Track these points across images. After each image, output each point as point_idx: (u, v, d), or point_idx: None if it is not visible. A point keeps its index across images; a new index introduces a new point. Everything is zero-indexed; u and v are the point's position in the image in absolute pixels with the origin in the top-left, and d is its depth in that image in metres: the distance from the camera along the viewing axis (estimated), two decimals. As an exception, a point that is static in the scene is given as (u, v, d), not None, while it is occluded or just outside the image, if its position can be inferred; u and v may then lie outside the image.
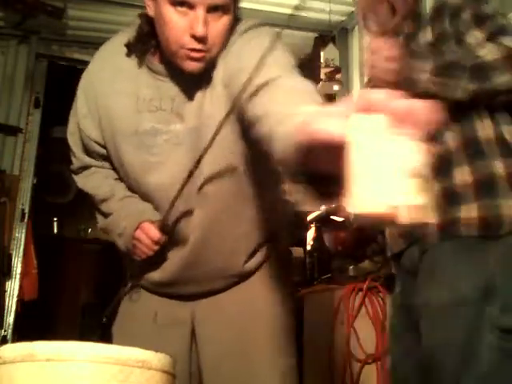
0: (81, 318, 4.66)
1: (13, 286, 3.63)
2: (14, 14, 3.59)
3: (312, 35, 4.24)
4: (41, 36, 4.01)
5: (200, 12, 1.15)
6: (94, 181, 1.44)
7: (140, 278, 1.43)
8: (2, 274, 3.57)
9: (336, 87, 3.63)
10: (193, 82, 1.27)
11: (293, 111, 0.83)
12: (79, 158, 1.45)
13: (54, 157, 4.64)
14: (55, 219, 5.16)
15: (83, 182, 1.46)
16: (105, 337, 1.44)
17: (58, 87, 3.62)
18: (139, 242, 1.33)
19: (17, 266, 3.68)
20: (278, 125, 0.87)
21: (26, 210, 3.81)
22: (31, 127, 3.93)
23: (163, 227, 1.32)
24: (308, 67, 4.42)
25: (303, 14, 4.02)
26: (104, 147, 1.39)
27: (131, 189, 1.41)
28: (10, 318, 3.58)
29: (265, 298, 1.44)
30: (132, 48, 1.32)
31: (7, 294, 3.61)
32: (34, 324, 3.83)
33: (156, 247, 1.34)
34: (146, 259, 1.36)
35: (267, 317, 1.43)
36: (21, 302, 3.65)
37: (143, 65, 1.32)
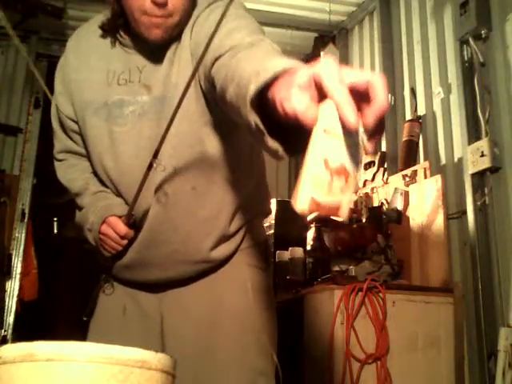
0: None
1: (13, 286, 3.64)
2: (14, 14, 3.59)
3: (312, 35, 4.24)
4: (41, 36, 4.01)
5: None
6: (72, 174, 1.44)
7: (111, 266, 1.40)
8: (1, 274, 3.57)
9: (336, 87, 3.63)
10: (161, 53, 1.30)
11: (262, 66, 0.85)
12: (61, 139, 1.45)
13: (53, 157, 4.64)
14: (55, 219, 5.17)
15: (62, 173, 1.46)
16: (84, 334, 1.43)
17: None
18: (107, 237, 1.32)
19: (17, 266, 3.68)
20: (250, 78, 0.86)
21: (26, 210, 3.81)
22: (31, 127, 3.93)
23: (130, 221, 1.31)
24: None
25: (303, 13, 4.02)
26: (77, 124, 1.40)
27: (97, 172, 1.39)
28: (9, 318, 3.58)
29: (233, 295, 1.38)
30: (105, 28, 1.36)
31: (7, 293, 3.61)
32: (34, 324, 3.83)
33: (124, 242, 1.32)
34: (116, 254, 1.35)
35: (235, 315, 1.37)
36: (21, 302, 3.65)
37: (116, 42, 1.36)
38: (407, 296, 2.61)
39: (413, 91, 3.32)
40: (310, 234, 3.17)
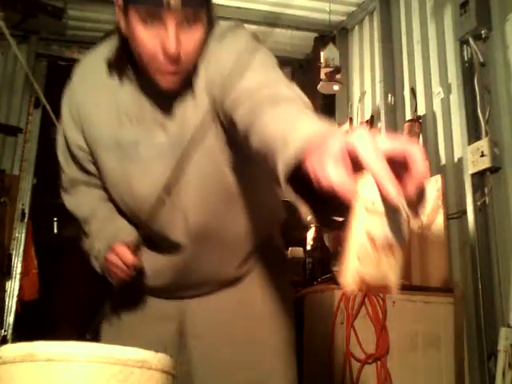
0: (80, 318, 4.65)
1: (13, 286, 3.64)
2: (14, 14, 3.59)
3: (312, 35, 4.24)
4: (41, 36, 4.01)
5: (170, 28, 1.11)
6: (78, 200, 1.42)
7: (128, 289, 1.40)
8: (1, 274, 3.57)
9: (336, 87, 3.63)
10: (175, 92, 1.25)
11: (291, 131, 0.82)
12: (67, 172, 1.42)
13: (53, 157, 4.64)
14: (55, 219, 5.16)
15: (68, 200, 1.44)
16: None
17: (58, 87, 3.62)
18: (113, 265, 1.30)
19: (17, 266, 3.68)
20: (278, 144, 0.85)
21: (26, 210, 3.81)
22: (31, 127, 3.93)
23: (138, 248, 1.29)
24: (308, 67, 4.42)
25: (303, 13, 4.02)
26: (91, 155, 1.37)
27: (117, 205, 1.38)
28: (9, 318, 3.58)
29: (257, 297, 1.43)
30: (112, 65, 1.30)
31: (7, 293, 3.61)
32: (34, 324, 3.83)
33: (131, 271, 1.30)
34: (125, 283, 1.33)
35: (262, 313, 1.42)
36: (21, 302, 3.65)
37: (124, 78, 1.30)
38: (407, 296, 2.60)
39: (413, 91, 3.32)
40: (310, 234, 3.17)
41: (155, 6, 1.09)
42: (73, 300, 4.74)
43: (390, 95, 3.52)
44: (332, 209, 0.76)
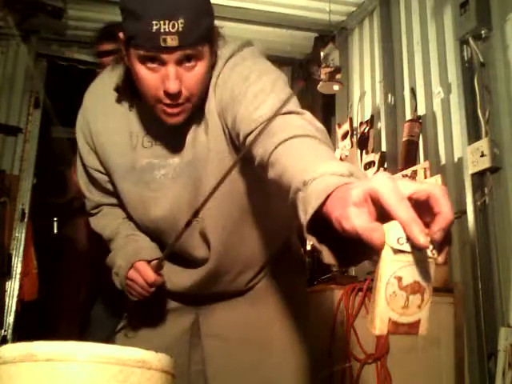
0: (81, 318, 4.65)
1: (13, 286, 3.64)
2: (14, 14, 3.60)
3: (312, 35, 4.24)
4: (41, 36, 4.01)
5: (170, 68, 1.12)
6: (103, 221, 1.44)
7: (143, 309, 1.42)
8: (1, 274, 3.57)
9: (336, 87, 3.63)
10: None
11: (310, 172, 0.80)
12: (91, 198, 1.45)
13: (53, 157, 4.64)
14: (55, 219, 5.17)
15: (95, 223, 1.46)
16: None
17: (58, 87, 3.63)
18: (133, 282, 1.31)
19: (17, 266, 3.68)
20: (296, 183, 0.83)
21: (26, 210, 3.81)
22: (31, 127, 3.93)
23: (160, 268, 1.31)
24: (308, 67, 4.42)
25: (303, 13, 4.02)
26: (108, 176, 1.39)
27: (137, 223, 1.40)
28: (9, 318, 3.58)
29: (271, 298, 1.45)
30: (120, 92, 1.31)
31: (7, 293, 3.61)
32: (34, 324, 3.83)
33: (151, 289, 1.31)
34: (143, 301, 1.34)
35: (277, 315, 1.44)
36: (21, 302, 3.65)
37: (133, 104, 1.31)
38: (407, 296, 2.60)
39: (413, 91, 3.32)
40: (310, 234, 3.16)
41: (154, 49, 1.10)
42: (73, 300, 4.74)
43: (390, 95, 3.52)
44: (355, 250, 0.75)
